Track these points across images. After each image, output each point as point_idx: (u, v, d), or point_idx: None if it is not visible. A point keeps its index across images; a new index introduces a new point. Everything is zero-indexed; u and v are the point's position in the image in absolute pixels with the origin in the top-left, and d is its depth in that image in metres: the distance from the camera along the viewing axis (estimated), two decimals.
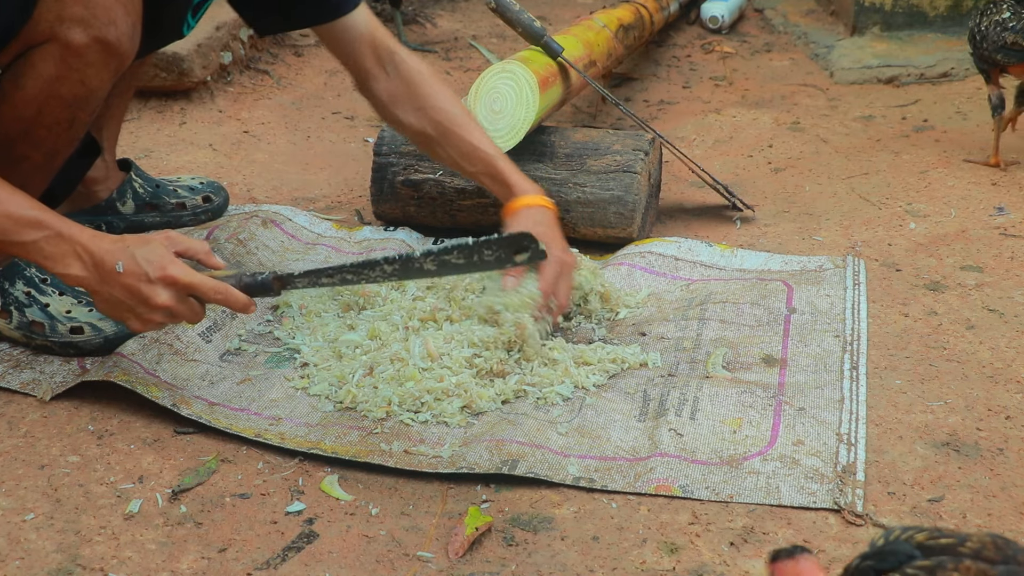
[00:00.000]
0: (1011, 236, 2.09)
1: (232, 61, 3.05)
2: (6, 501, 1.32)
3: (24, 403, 1.53)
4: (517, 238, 1.42)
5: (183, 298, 1.41)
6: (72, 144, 1.59)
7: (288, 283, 1.46)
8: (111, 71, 1.51)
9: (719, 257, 2.00)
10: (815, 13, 4.14)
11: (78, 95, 1.50)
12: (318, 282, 1.46)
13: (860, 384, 1.56)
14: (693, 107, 3.18)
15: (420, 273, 1.46)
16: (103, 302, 1.42)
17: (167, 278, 1.39)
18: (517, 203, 1.74)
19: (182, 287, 1.40)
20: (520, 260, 1.44)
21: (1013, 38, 2.35)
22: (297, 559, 1.23)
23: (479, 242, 1.41)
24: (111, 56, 1.48)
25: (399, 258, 1.42)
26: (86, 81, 1.49)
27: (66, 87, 1.48)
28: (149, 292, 1.38)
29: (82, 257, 1.39)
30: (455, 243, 1.42)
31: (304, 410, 1.53)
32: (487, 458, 1.38)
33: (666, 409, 1.49)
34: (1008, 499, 1.31)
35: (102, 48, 1.46)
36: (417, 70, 1.80)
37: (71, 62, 1.46)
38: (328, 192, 2.42)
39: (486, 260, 1.44)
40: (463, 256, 1.42)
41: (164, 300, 1.39)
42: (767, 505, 1.31)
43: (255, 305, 1.45)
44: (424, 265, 1.43)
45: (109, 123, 2.06)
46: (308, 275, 1.46)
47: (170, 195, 2.12)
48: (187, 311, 1.42)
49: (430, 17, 3.97)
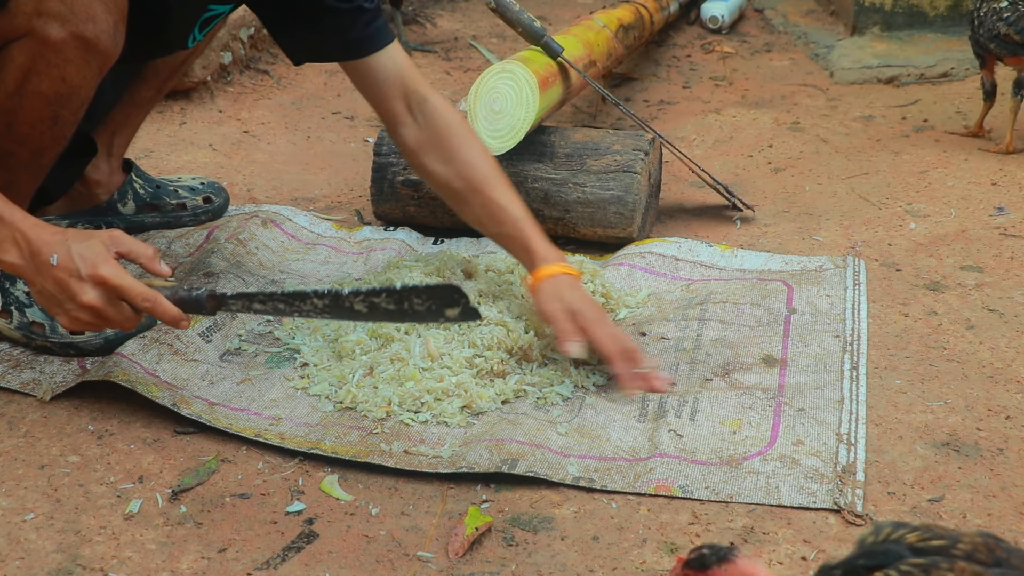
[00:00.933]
0: (1011, 236, 2.09)
1: (232, 61, 3.05)
2: (6, 501, 1.32)
3: (24, 403, 1.53)
4: (448, 290, 1.39)
5: (113, 300, 1.37)
6: (58, 142, 1.57)
7: (222, 304, 1.44)
8: (93, 69, 1.49)
9: (719, 257, 2.00)
10: (815, 13, 4.14)
11: (59, 92, 1.49)
12: (251, 307, 1.44)
13: (860, 384, 1.56)
14: (693, 107, 3.18)
15: (350, 314, 1.44)
16: (37, 293, 1.40)
17: (96, 276, 1.35)
18: (541, 272, 1.64)
19: (111, 288, 1.36)
20: (451, 315, 1.41)
21: (1006, 30, 2.36)
22: (297, 559, 1.23)
23: (408, 289, 1.39)
24: (90, 53, 1.47)
25: (328, 293, 1.41)
26: (67, 78, 1.48)
27: (46, 83, 1.47)
28: (77, 289, 1.35)
29: (19, 244, 1.36)
30: (383, 287, 1.41)
31: (304, 410, 1.53)
32: (487, 457, 1.38)
33: (666, 410, 1.49)
34: (1008, 499, 1.31)
35: (81, 45, 1.45)
36: (448, 120, 1.74)
37: (49, 58, 1.45)
38: (328, 192, 2.42)
39: (416, 310, 1.41)
40: (392, 302, 1.40)
41: (91, 299, 1.35)
42: (767, 505, 1.31)
43: (188, 320, 1.42)
44: (354, 305, 1.41)
45: (123, 130, 2.05)
46: (241, 298, 1.44)
47: (170, 196, 2.12)
48: (116, 315, 1.38)
49: (430, 17, 3.97)
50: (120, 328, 1.43)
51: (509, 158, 2.06)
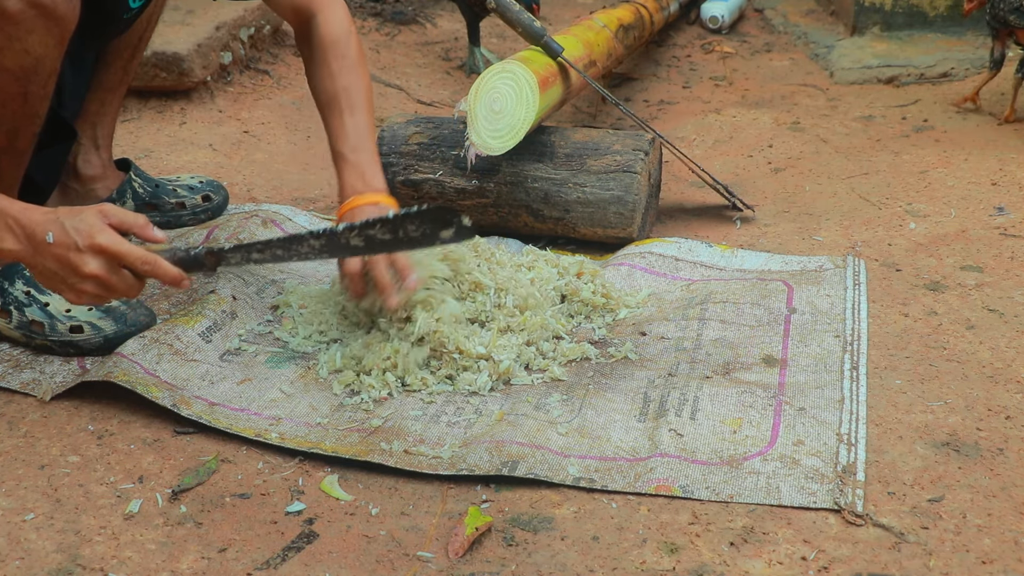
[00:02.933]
0: (1011, 236, 2.09)
1: (232, 61, 3.05)
2: (6, 501, 1.32)
3: (24, 403, 1.53)
4: (440, 212, 1.40)
5: (115, 268, 1.39)
6: (32, 121, 1.57)
7: (221, 259, 1.45)
8: (55, 37, 1.49)
9: (719, 257, 2.00)
10: (815, 13, 4.14)
11: (24, 66, 1.48)
12: (250, 257, 1.46)
13: (860, 384, 1.56)
14: (693, 107, 3.18)
15: (348, 250, 1.45)
16: (39, 275, 1.40)
17: (95, 246, 1.36)
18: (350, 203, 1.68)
19: (111, 255, 1.37)
20: (446, 236, 1.42)
21: None
22: (297, 559, 1.23)
23: (400, 215, 1.41)
24: (50, 20, 1.46)
25: (324, 232, 1.43)
26: (30, 50, 1.47)
27: (9, 58, 1.46)
28: (78, 261, 1.36)
29: (13, 229, 1.37)
30: (377, 217, 1.42)
31: (304, 410, 1.53)
32: (487, 460, 1.38)
33: (666, 409, 1.49)
34: (1008, 499, 1.31)
35: (39, 13, 1.45)
36: (325, 37, 1.78)
37: (9, 31, 1.44)
38: (328, 192, 2.42)
39: (412, 236, 1.42)
40: (387, 231, 1.41)
41: (93, 269, 1.37)
42: (767, 505, 1.31)
43: (188, 280, 1.44)
44: (350, 240, 1.43)
45: (102, 120, 2.06)
46: (239, 250, 1.45)
47: (169, 194, 2.13)
48: (120, 283, 1.40)
49: (430, 17, 3.97)
50: (125, 297, 1.44)
51: (509, 158, 2.06)
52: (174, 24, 3.00)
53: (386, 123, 2.22)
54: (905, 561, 1.20)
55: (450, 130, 2.15)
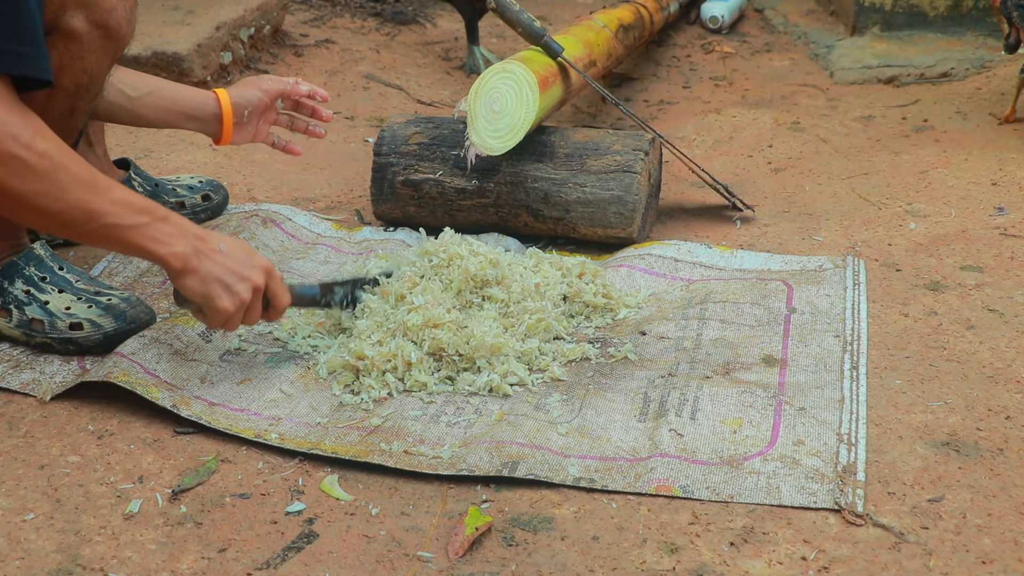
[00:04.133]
0: (1011, 236, 2.09)
1: (232, 61, 3.05)
2: (6, 501, 1.32)
3: (24, 403, 1.53)
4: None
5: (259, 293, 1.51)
6: (71, 135, 1.57)
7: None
8: (110, 56, 1.50)
9: (719, 258, 2.00)
10: (815, 13, 4.14)
11: (80, 83, 1.49)
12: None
13: (860, 384, 1.56)
14: (693, 107, 3.18)
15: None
16: (197, 279, 1.45)
17: (265, 266, 1.52)
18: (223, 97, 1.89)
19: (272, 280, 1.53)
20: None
21: None
22: (297, 559, 1.23)
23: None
24: (110, 41, 1.47)
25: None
26: (88, 68, 1.48)
27: (68, 76, 1.47)
28: (248, 272, 1.49)
29: (186, 235, 1.45)
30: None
31: (304, 410, 1.53)
32: (487, 460, 1.38)
33: (666, 409, 1.49)
34: (1008, 499, 1.31)
35: (103, 34, 1.46)
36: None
37: (73, 50, 1.45)
38: (328, 192, 2.42)
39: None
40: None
41: (259, 280, 1.50)
42: (767, 505, 1.31)
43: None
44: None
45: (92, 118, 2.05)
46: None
47: (169, 194, 2.13)
48: (256, 304, 1.51)
49: (430, 17, 3.97)
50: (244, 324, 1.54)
51: (509, 158, 2.06)
52: (174, 24, 3.00)
53: (386, 123, 2.22)
54: (905, 561, 1.20)
55: (450, 130, 2.15)
